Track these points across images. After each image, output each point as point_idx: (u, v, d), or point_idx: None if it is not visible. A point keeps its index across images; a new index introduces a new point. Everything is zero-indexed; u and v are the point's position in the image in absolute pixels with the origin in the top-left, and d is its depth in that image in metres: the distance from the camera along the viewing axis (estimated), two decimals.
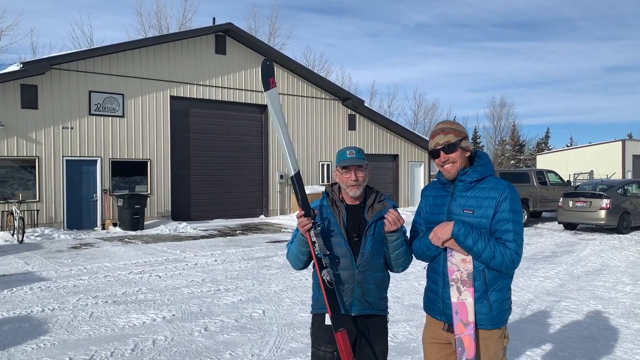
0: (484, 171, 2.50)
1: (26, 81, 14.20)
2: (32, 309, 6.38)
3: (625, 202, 15.01)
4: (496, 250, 2.34)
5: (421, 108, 54.39)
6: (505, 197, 2.41)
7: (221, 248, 11.65)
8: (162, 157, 16.69)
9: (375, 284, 2.73)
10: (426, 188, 2.77)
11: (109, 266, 9.36)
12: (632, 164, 37.48)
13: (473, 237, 2.35)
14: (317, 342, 2.75)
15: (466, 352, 2.39)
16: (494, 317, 2.43)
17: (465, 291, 2.40)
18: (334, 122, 21.21)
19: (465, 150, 2.52)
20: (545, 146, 59.41)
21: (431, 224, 2.56)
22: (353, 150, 2.77)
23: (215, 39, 17.97)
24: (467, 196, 2.48)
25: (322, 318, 2.73)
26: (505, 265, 2.36)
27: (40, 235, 13.33)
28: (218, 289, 7.55)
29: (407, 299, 6.99)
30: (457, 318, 2.41)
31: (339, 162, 2.75)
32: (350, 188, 2.71)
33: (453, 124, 2.58)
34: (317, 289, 2.78)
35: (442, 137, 2.51)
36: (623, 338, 5.37)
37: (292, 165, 2.79)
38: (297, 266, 2.84)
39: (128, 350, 4.91)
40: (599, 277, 8.64)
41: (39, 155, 14.43)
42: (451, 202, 2.52)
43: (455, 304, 2.42)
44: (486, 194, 2.44)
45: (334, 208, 2.76)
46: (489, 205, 2.41)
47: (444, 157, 2.51)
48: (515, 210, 2.42)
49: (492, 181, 2.48)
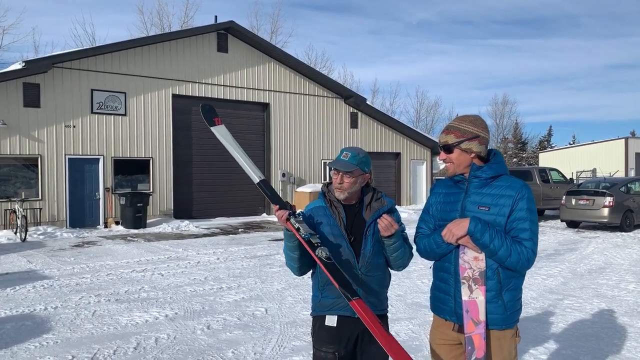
0: (499, 169, 2.47)
1: (28, 80, 14.22)
2: (35, 307, 6.38)
3: (628, 200, 14.96)
4: (512, 248, 2.32)
5: (423, 106, 54.41)
6: (523, 196, 2.38)
7: (223, 246, 11.65)
8: (164, 156, 16.70)
9: (378, 284, 2.71)
10: (436, 185, 2.73)
11: (111, 264, 9.38)
12: (635, 161, 37.37)
13: (490, 234, 2.32)
14: (318, 343, 2.71)
15: (476, 351, 2.37)
16: (507, 317, 2.41)
17: (477, 289, 2.38)
18: (336, 120, 21.19)
19: (467, 152, 2.46)
20: (548, 144, 59.27)
21: (443, 221, 2.51)
22: (349, 152, 2.70)
23: (217, 37, 17.96)
24: (482, 193, 2.44)
25: (323, 319, 2.70)
26: (521, 263, 2.34)
27: (43, 233, 13.35)
28: (220, 287, 7.55)
29: (409, 297, 6.97)
30: (467, 316, 2.39)
31: (333, 163, 2.70)
32: (336, 189, 2.69)
33: (463, 121, 2.49)
34: (317, 291, 2.73)
35: (444, 137, 2.49)
36: (627, 336, 5.35)
37: (254, 175, 2.92)
38: (293, 268, 2.73)
39: (131, 348, 4.91)
40: (602, 275, 8.61)
41: (41, 153, 14.45)
42: (465, 198, 2.47)
43: (466, 302, 2.39)
44: (502, 192, 2.41)
45: (333, 209, 2.71)
46: (505, 204, 2.38)
47: (443, 157, 2.52)
48: (532, 210, 2.39)
49: (507, 179, 2.45)
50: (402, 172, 23.33)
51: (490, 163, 2.48)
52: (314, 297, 2.78)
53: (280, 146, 19.52)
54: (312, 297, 2.82)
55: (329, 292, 2.65)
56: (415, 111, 54.45)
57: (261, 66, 19.05)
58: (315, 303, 2.76)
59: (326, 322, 2.67)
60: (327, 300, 2.68)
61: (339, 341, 2.66)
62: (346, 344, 2.67)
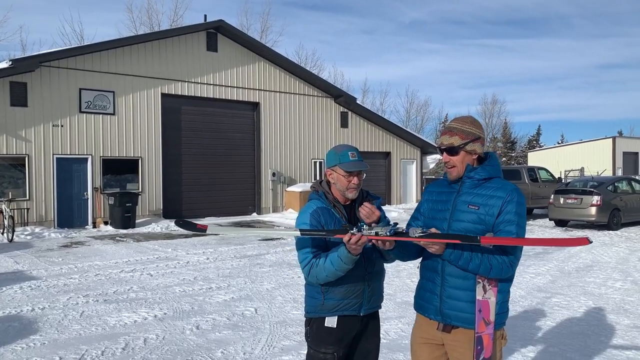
0: (493, 171, 2.49)
1: (15, 78, 14.07)
2: (21, 308, 6.32)
3: (615, 199, 15.11)
4: (491, 263, 2.34)
5: (413, 106, 54.63)
6: (512, 199, 2.40)
7: (213, 246, 11.61)
8: (153, 155, 16.60)
9: (379, 281, 2.77)
10: (430, 184, 2.76)
11: (100, 265, 9.31)
12: (623, 161, 37.78)
13: (465, 259, 2.34)
14: (316, 343, 2.68)
15: (484, 350, 2.38)
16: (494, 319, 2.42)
17: (490, 290, 2.39)
18: (326, 119, 21.20)
19: (471, 154, 2.48)
20: (537, 143, 59.77)
21: (432, 219, 2.55)
22: (355, 152, 2.70)
23: (207, 36, 17.87)
24: (474, 193, 2.46)
25: (321, 320, 2.67)
26: (504, 271, 2.36)
27: (30, 233, 13.23)
28: (210, 287, 7.53)
29: (399, 295, 6.99)
30: (479, 316, 2.39)
31: (342, 164, 2.65)
32: (350, 191, 2.68)
33: (466, 123, 2.50)
34: (319, 294, 2.66)
35: (447, 138, 2.48)
36: (613, 334, 5.41)
37: (289, 232, 2.63)
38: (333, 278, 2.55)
39: (119, 349, 4.88)
40: (590, 273, 8.69)
41: (28, 153, 14.30)
42: (457, 197, 2.50)
43: (479, 302, 2.39)
44: (493, 193, 2.43)
45: (337, 210, 2.70)
46: (494, 204, 2.39)
47: (446, 159, 2.50)
48: (520, 214, 2.40)
49: (499, 182, 2.48)
50: (392, 172, 23.39)
51: (485, 165, 2.50)
52: (313, 300, 2.71)
53: (271, 146, 19.48)
54: (307, 298, 2.75)
55: (333, 294, 2.63)
56: (406, 111, 54.72)
57: (251, 65, 18.99)
58: (315, 306, 2.69)
59: (326, 323, 2.65)
60: (330, 303, 2.65)
61: (339, 341, 2.66)
62: (345, 343, 2.68)
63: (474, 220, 2.41)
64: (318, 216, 2.64)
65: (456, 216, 2.46)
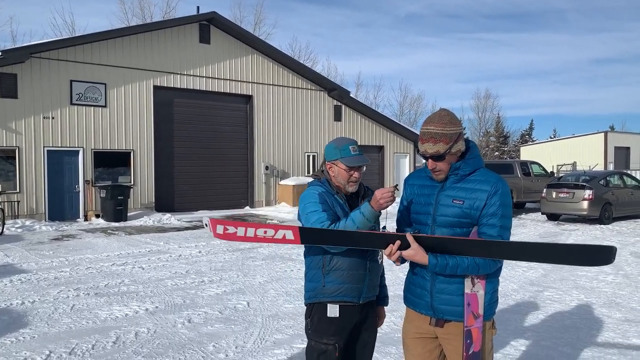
0: (475, 163, 2.45)
1: (5, 70, 13.89)
2: (11, 301, 6.26)
3: (607, 193, 15.19)
4: (477, 260, 2.32)
5: (407, 99, 54.71)
6: (497, 190, 2.36)
7: (205, 239, 11.56)
8: (145, 148, 16.49)
9: (377, 273, 2.79)
10: (410, 176, 2.68)
11: (91, 258, 9.24)
12: (614, 155, 37.98)
13: (452, 266, 2.32)
14: (318, 334, 2.66)
15: (474, 344, 2.37)
16: (484, 309, 2.41)
17: (478, 283, 2.38)
18: (319, 112, 21.13)
19: (456, 154, 2.42)
20: (529, 138, 59.97)
21: (417, 214, 2.51)
22: (355, 145, 2.72)
23: (199, 28, 17.73)
24: (458, 187, 2.43)
25: (323, 309, 2.65)
26: (490, 267, 2.35)
27: (21, 226, 13.11)
28: (202, 280, 7.49)
29: (391, 289, 6.94)
30: (468, 310, 2.38)
31: (343, 158, 2.66)
32: (350, 184, 2.71)
33: (445, 124, 2.35)
34: (320, 276, 2.66)
35: (432, 146, 2.36)
36: (605, 327, 5.43)
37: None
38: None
39: (110, 342, 4.84)
40: (581, 267, 8.72)
41: (19, 145, 14.16)
42: (440, 192, 2.46)
43: (467, 295, 2.38)
44: (477, 186, 2.39)
45: (340, 196, 2.73)
46: (479, 197, 2.36)
47: (432, 165, 2.44)
48: (506, 204, 2.38)
49: (483, 173, 2.44)
50: (386, 165, 23.39)
51: (467, 159, 2.45)
52: (313, 284, 2.70)
53: (264, 139, 19.41)
54: (307, 284, 2.74)
55: (335, 277, 2.63)
56: (399, 104, 54.74)
57: (244, 58, 18.88)
58: (316, 290, 2.68)
59: (328, 313, 2.64)
60: (331, 287, 2.64)
61: (341, 332, 2.65)
62: (345, 334, 2.67)
63: (459, 215, 2.38)
64: (324, 198, 2.67)
65: (441, 211, 2.42)
